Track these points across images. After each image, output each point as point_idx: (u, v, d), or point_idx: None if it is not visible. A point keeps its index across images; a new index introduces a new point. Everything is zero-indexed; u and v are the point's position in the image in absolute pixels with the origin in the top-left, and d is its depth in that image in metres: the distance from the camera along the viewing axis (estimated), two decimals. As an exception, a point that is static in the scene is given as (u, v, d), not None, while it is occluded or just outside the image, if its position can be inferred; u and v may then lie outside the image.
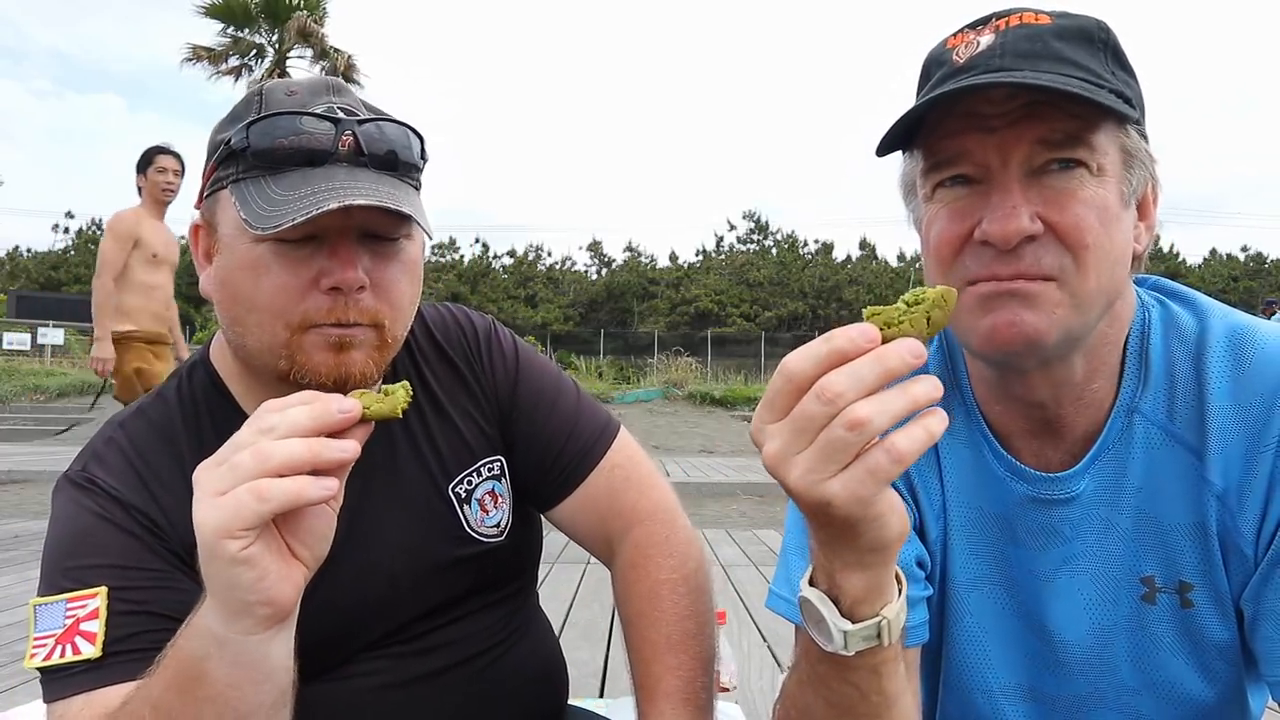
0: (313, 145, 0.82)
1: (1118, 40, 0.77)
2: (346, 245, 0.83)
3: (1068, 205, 0.72)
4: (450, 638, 0.97)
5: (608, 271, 38.12)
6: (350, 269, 0.82)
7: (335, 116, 0.84)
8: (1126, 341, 0.82)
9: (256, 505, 0.61)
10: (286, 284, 0.82)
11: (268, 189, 0.81)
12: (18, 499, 7.12)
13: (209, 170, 0.87)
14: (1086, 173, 0.73)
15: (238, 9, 20.20)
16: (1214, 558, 0.80)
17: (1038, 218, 0.72)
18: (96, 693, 0.77)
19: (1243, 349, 0.79)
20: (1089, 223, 0.73)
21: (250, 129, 0.83)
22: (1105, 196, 0.74)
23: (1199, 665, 0.84)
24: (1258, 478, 0.77)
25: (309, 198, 0.79)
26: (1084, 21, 0.77)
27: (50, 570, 0.83)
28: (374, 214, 0.82)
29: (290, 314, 0.83)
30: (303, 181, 0.81)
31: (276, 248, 0.82)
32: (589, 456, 1.03)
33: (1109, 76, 0.75)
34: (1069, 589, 0.85)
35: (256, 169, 0.83)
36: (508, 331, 1.10)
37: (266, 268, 0.82)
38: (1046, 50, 0.74)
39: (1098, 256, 0.73)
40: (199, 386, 0.94)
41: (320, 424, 0.65)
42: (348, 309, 0.83)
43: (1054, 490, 0.84)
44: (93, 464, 0.88)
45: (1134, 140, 0.76)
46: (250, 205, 0.81)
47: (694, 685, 0.91)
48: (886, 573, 0.64)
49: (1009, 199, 0.72)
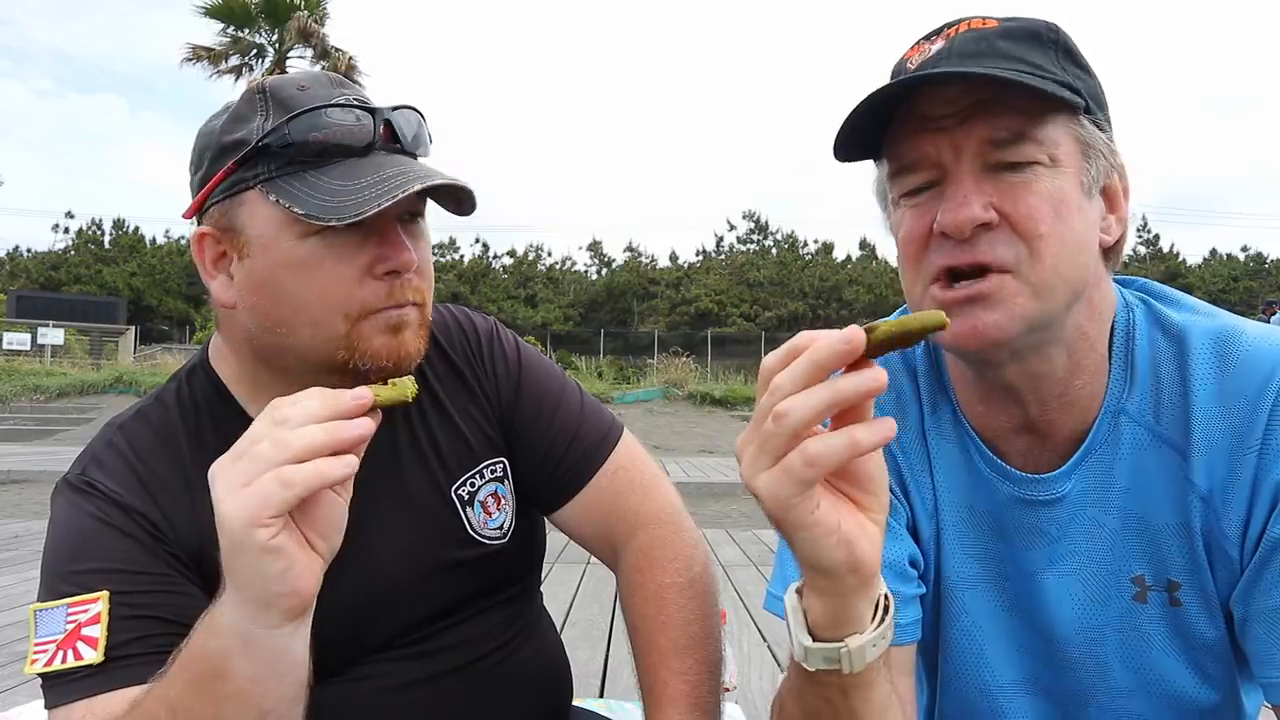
0: (356, 136, 0.83)
1: (1069, 39, 0.79)
2: (395, 230, 0.84)
3: (1021, 196, 0.74)
4: (454, 640, 0.97)
5: (608, 271, 38.12)
6: (407, 252, 0.84)
7: (369, 105, 0.85)
8: (1111, 342, 0.82)
9: (282, 492, 0.62)
10: (343, 275, 0.82)
11: (319, 181, 0.81)
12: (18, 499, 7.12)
13: (224, 172, 0.84)
14: (1040, 167, 0.74)
15: (238, 9, 20.20)
16: (1199, 558, 0.80)
17: (992, 208, 0.74)
18: (98, 698, 0.76)
19: (1227, 350, 0.79)
20: (1042, 212, 0.74)
21: (290, 125, 0.81)
22: (1061, 187, 0.75)
23: (1191, 664, 0.83)
24: (1241, 479, 0.76)
25: (377, 184, 0.80)
26: (1031, 23, 0.79)
27: (50, 575, 0.82)
28: (411, 197, 0.82)
29: (349, 304, 0.83)
30: (357, 171, 0.81)
31: (326, 240, 0.81)
32: (593, 459, 1.03)
33: (1057, 71, 0.76)
34: (1058, 589, 0.85)
35: (295, 164, 0.82)
36: (510, 333, 1.09)
37: (318, 263, 0.81)
38: (992, 49, 0.76)
39: (1053, 245, 0.74)
40: (199, 390, 0.94)
41: (334, 412, 0.66)
42: (405, 290, 0.85)
43: (1039, 491, 0.84)
44: (92, 467, 0.87)
45: (1089, 131, 0.77)
46: (305, 200, 0.80)
47: (701, 690, 0.90)
48: (844, 604, 0.63)
49: (961, 189, 0.75)
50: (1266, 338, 0.79)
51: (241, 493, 0.63)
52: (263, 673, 0.68)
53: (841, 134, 0.77)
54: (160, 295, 34.46)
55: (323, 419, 0.65)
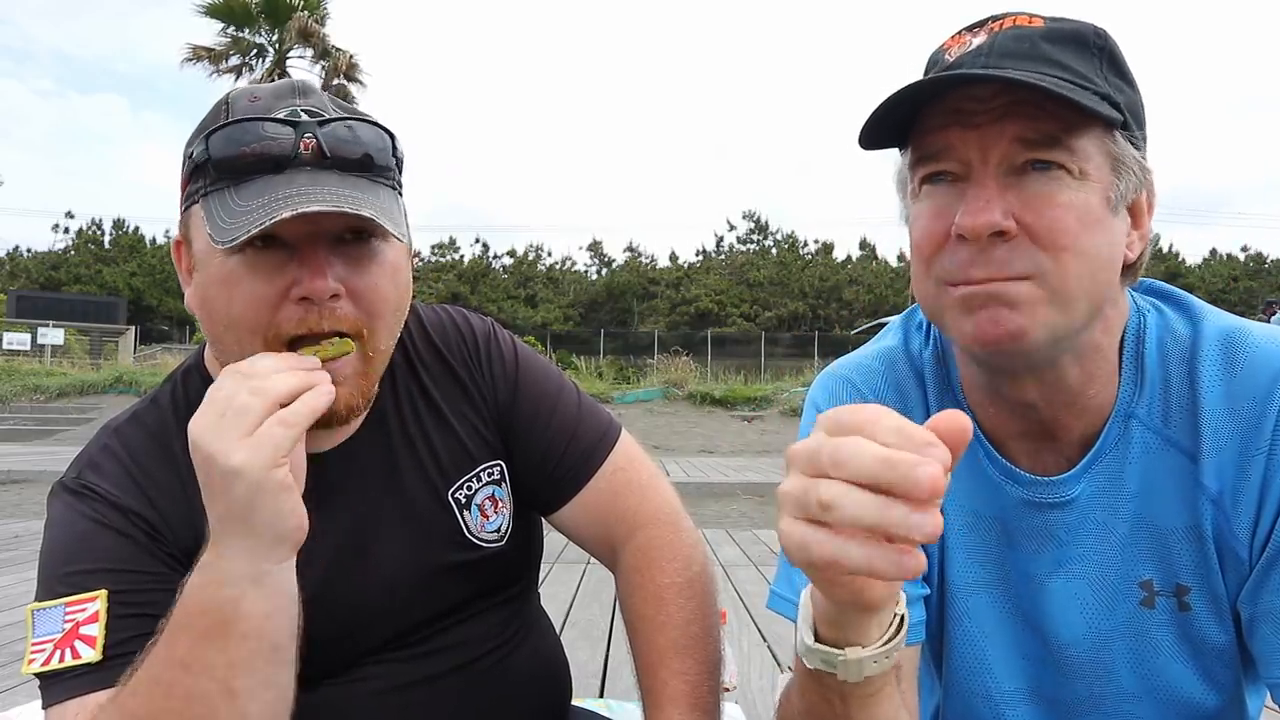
0: (273, 151, 0.79)
1: (1116, 47, 0.76)
2: (315, 253, 0.80)
3: (1044, 208, 0.72)
4: (452, 641, 0.96)
5: (608, 271, 38.13)
6: (320, 278, 0.79)
7: (295, 120, 0.81)
8: (1122, 347, 0.82)
9: (286, 431, 0.70)
10: (259, 296, 0.80)
11: (230, 201, 0.79)
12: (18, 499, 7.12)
13: (184, 181, 0.85)
14: (1067, 175, 0.72)
15: (238, 9, 20.21)
16: (1210, 561, 0.79)
17: (1013, 217, 0.72)
18: (94, 696, 0.76)
19: (1234, 352, 0.79)
20: (1065, 225, 0.71)
21: (209, 140, 0.80)
22: (1086, 200, 0.72)
23: (1199, 669, 0.83)
24: (1251, 481, 0.76)
25: (267, 206, 0.76)
26: (1079, 26, 0.76)
27: (48, 577, 0.83)
28: (339, 219, 0.80)
29: (265, 328, 0.80)
30: (264, 190, 0.78)
31: (247, 259, 0.79)
32: (591, 460, 1.02)
33: (1098, 81, 0.74)
34: (1066, 593, 0.85)
35: (221, 181, 0.80)
36: (508, 334, 1.09)
37: (238, 281, 0.80)
38: (1033, 51, 0.74)
39: (1076, 259, 0.72)
40: (193, 390, 0.93)
41: (289, 363, 0.75)
42: (321, 319, 0.80)
43: (1049, 494, 0.83)
44: (88, 471, 0.87)
45: (1122, 147, 0.74)
46: (214, 219, 0.78)
47: (701, 690, 0.90)
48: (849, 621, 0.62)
49: (984, 193, 0.72)
50: (1273, 338, 0.79)
51: (248, 442, 0.69)
52: (275, 606, 0.73)
53: (870, 122, 0.75)
54: (160, 295, 34.45)
55: (285, 369, 0.73)
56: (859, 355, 0.94)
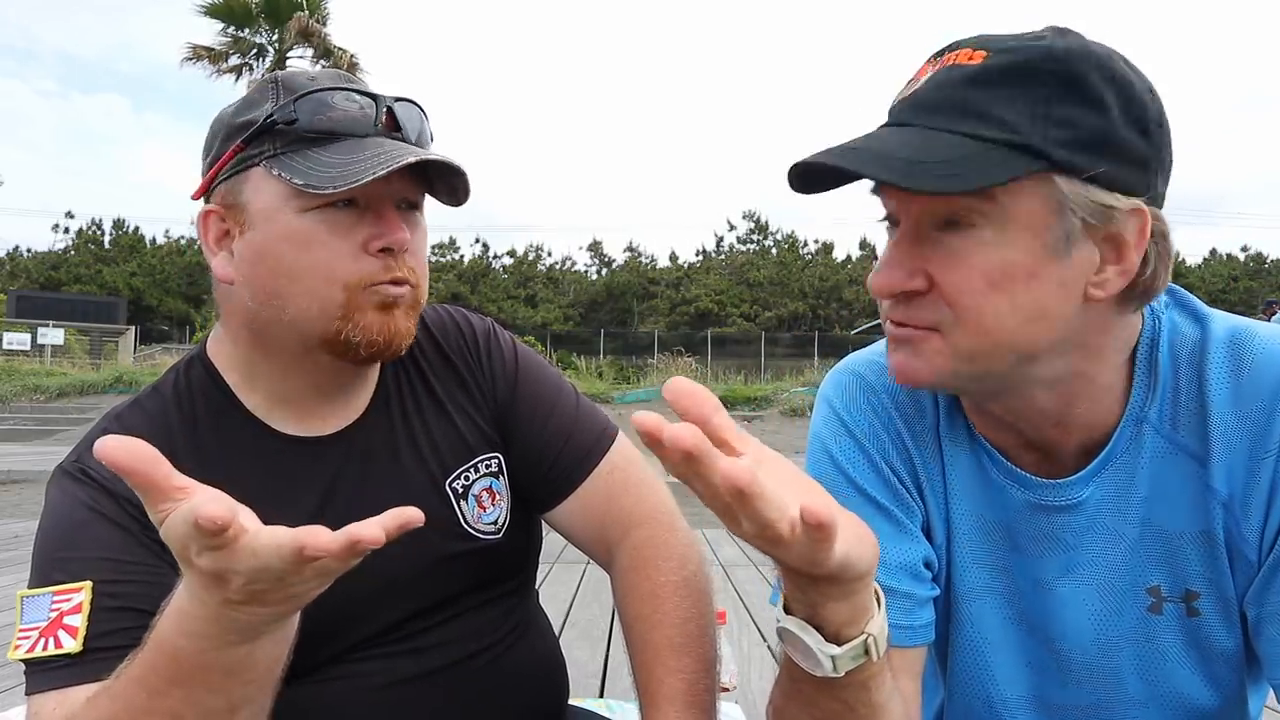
0: (359, 117, 0.88)
1: (1084, 67, 0.69)
2: (391, 210, 0.89)
3: (952, 268, 0.72)
4: (446, 636, 0.97)
5: (608, 271, 38.13)
6: (400, 230, 0.88)
7: (373, 93, 0.90)
8: (1135, 352, 0.81)
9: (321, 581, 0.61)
10: (339, 249, 0.86)
11: (320, 157, 0.85)
12: (18, 499, 7.13)
13: (232, 151, 0.88)
14: (986, 230, 0.70)
15: (238, 8, 20.21)
16: (1221, 564, 0.79)
17: (924, 274, 0.73)
18: (72, 689, 0.76)
19: (1241, 353, 0.78)
20: (970, 285, 0.71)
21: (297, 104, 0.86)
22: (1004, 258, 0.70)
23: (1206, 675, 0.83)
24: (1260, 483, 0.76)
25: (373, 160, 0.83)
26: (1030, 53, 0.70)
27: (41, 561, 0.83)
28: (408, 183, 0.89)
29: (348, 275, 0.86)
30: (358, 148, 0.85)
31: (324, 215, 0.85)
32: (587, 460, 1.03)
33: (1028, 125, 0.68)
34: (1073, 599, 0.84)
35: (299, 143, 0.86)
36: (507, 334, 1.10)
37: (316, 236, 0.86)
38: (951, 101, 0.71)
39: (981, 316, 0.71)
40: (195, 379, 0.95)
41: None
42: (400, 266, 0.89)
43: (1054, 496, 0.83)
44: (86, 455, 0.88)
45: (1062, 187, 0.69)
46: (307, 173, 0.84)
47: (698, 688, 0.90)
48: (869, 594, 0.64)
49: (894, 255, 0.74)
50: (1279, 339, 0.78)
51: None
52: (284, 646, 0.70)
53: (791, 183, 0.75)
54: (160, 295, 34.47)
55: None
56: (871, 352, 0.94)
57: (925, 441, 0.88)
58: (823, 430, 0.90)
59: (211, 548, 0.55)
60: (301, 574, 0.57)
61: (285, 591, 0.59)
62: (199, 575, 0.58)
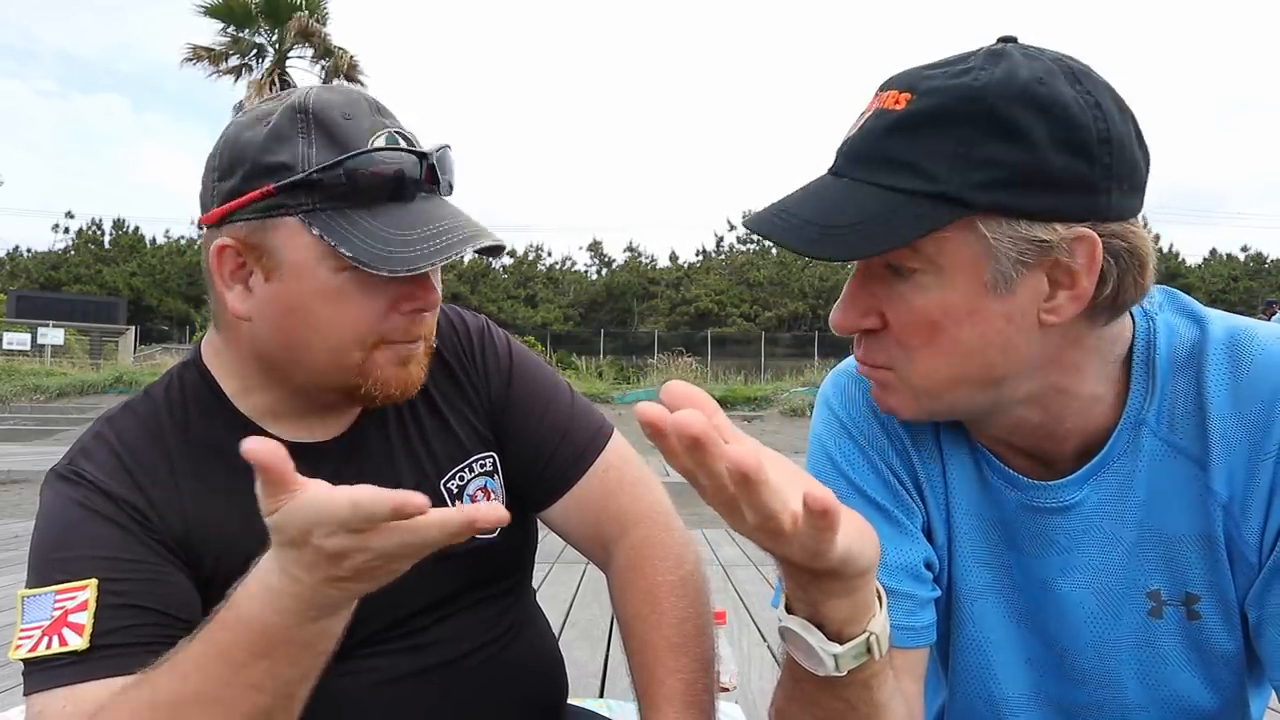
0: (404, 177, 0.85)
1: (1007, 103, 0.67)
2: (428, 274, 0.88)
3: (898, 311, 0.73)
4: (443, 635, 0.96)
5: (608, 271, 38.12)
6: (434, 293, 0.89)
7: (418, 149, 0.87)
8: (1131, 355, 0.80)
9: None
10: (371, 309, 0.86)
11: (367, 225, 0.83)
12: (18, 499, 7.13)
13: (260, 193, 0.83)
14: (926, 274, 0.71)
15: (237, 9, 20.21)
16: (1221, 567, 0.79)
17: (875, 314, 0.75)
18: (79, 686, 0.76)
19: (1240, 354, 0.77)
20: (915, 327, 0.73)
21: (344, 166, 0.82)
22: (945, 299, 0.71)
23: (1206, 678, 0.83)
24: (1260, 486, 0.76)
25: (430, 238, 0.83)
26: (949, 95, 0.68)
27: (39, 562, 0.83)
28: None
29: (369, 336, 0.87)
30: (407, 218, 0.84)
31: (359, 275, 0.84)
32: (583, 458, 1.03)
33: (948, 171, 0.67)
34: (1071, 601, 0.84)
35: (340, 200, 0.83)
36: (502, 332, 1.10)
37: (350, 296, 0.85)
38: (874, 151, 0.71)
39: (931, 356, 0.73)
40: (190, 385, 0.95)
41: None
42: (422, 327, 0.91)
43: (1046, 498, 0.83)
44: (80, 458, 0.88)
45: (992, 231, 0.68)
46: (354, 243, 0.81)
47: (696, 687, 0.90)
48: (870, 591, 0.64)
49: (847, 295, 0.76)
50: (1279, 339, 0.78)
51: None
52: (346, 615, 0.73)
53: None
54: (160, 295, 34.45)
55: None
56: None
57: (925, 442, 0.88)
58: (822, 432, 0.91)
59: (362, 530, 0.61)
60: (410, 552, 0.63)
61: (389, 568, 0.65)
62: (312, 554, 0.62)
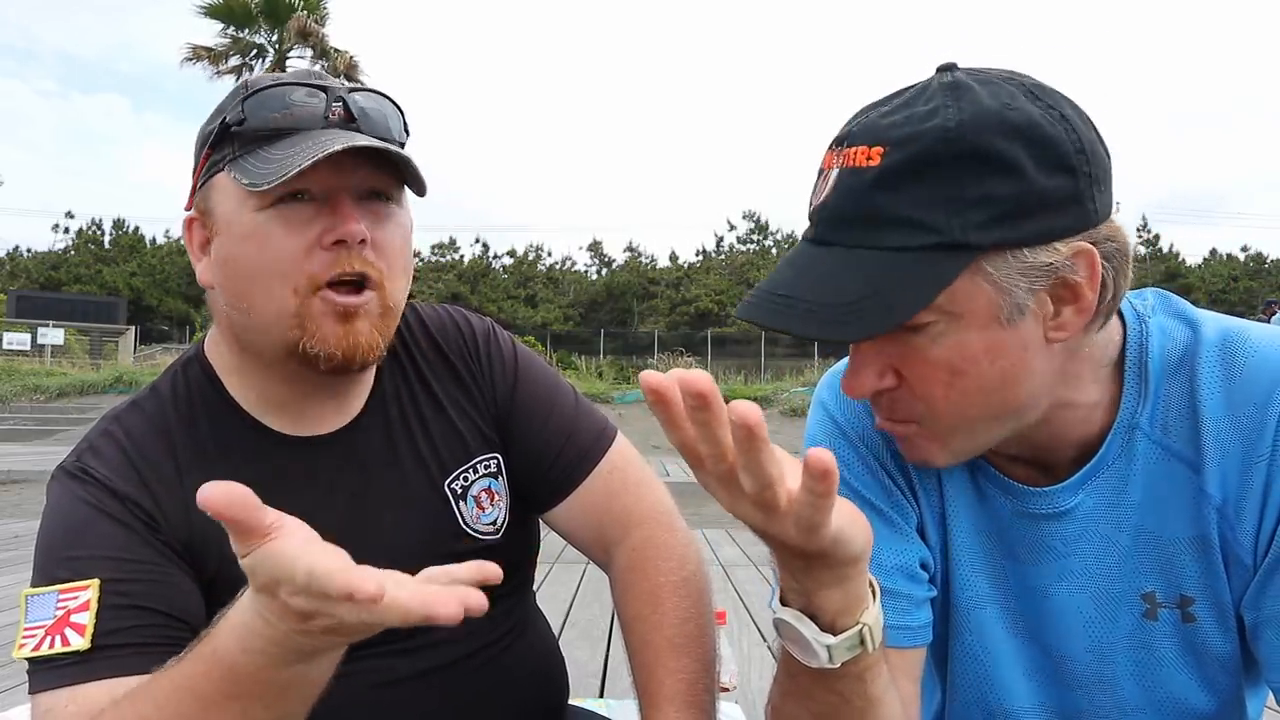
0: (307, 112, 0.85)
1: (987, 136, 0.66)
2: (346, 201, 0.85)
3: (914, 365, 0.72)
4: (443, 636, 0.96)
5: (608, 271, 38.15)
6: (352, 221, 0.84)
7: (325, 84, 0.87)
8: (1123, 359, 0.80)
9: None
10: (292, 245, 0.84)
11: (267, 154, 0.84)
12: (18, 499, 7.13)
13: (202, 159, 0.89)
14: (937, 324, 0.69)
15: (237, 9, 20.19)
16: (1216, 569, 0.79)
17: (891, 372, 0.74)
18: (82, 686, 0.76)
19: (1233, 356, 0.77)
20: (935, 378, 0.72)
21: (244, 104, 0.85)
22: (961, 341, 0.70)
23: (1202, 679, 0.83)
24: (1253, 488, 0.76)
25: (309, 149, 0.81)
26: (925, 141, 0.66)
27: (44, 560, 0.83)
28: (370, 174, 0.86)
29: (297, 275, 0.84)
30: (303, 141, 0.83)
31: (278, 212, 0.84)
32: (586, 459, 1.03)
33: (947, 218, 0.67)
34: (1067, 606, 0.84)
35: (253, 143, 0.85)
36: (506, 334, 1.10)
37: (269, 233, 0.84)
38: (862, 212, 0.69)
39: (952, 404, 0.73)
40: (193, 379, 0.95)
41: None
42: (351, 260, 0.85)
43: (1041, 505, 0.83)
44: (87, 455, 0.88)
45: (1000, 269, 0.68)
46: (251, 172, 0.83)
47: (697, 688, 0.90)
48: (863, 582, 0.64)
49: (857, 358, 0.75)
50: (1272, 341, 0.77)
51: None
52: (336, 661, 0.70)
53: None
54: (160, 295, 34.47)
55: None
56: None
57: None
58: (817, 432, 0.91)
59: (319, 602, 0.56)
60: (370, 629, 0.60)
61: (360, 630, 0.61)
62: (279, 607, 0.58)
